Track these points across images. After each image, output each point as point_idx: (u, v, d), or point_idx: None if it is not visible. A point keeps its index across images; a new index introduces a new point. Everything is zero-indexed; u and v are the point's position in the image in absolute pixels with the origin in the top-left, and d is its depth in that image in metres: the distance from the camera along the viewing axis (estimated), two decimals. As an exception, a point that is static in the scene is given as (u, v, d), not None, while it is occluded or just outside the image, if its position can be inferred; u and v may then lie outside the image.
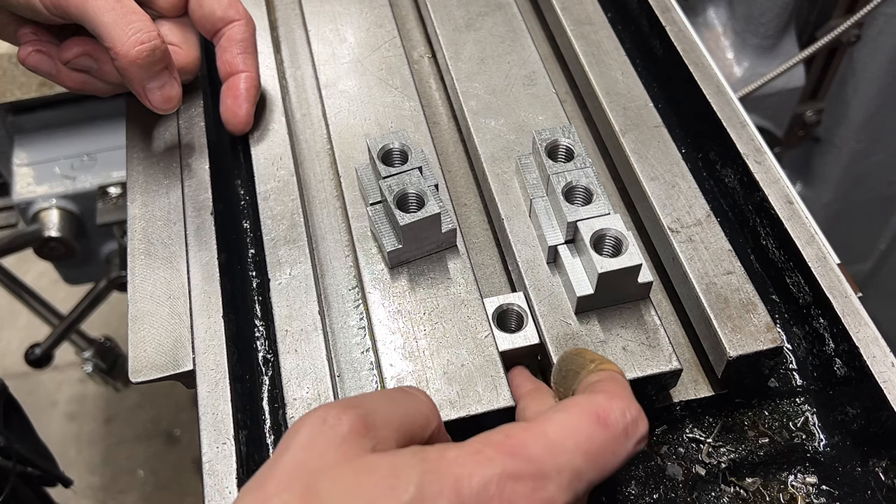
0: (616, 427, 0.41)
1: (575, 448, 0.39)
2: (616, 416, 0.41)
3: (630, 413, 0.41)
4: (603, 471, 0.40)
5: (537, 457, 0.38)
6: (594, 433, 0.40)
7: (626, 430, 0.41)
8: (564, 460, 0.39)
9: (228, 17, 0.68)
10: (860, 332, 0.55)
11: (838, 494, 0.54)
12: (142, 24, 0.60)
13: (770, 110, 1.44)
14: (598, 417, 0.41)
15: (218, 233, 0.63)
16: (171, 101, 0.64)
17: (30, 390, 2.03)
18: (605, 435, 0.40)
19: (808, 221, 0.61)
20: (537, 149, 0.61)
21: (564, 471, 0.38)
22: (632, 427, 0.41)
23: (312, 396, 0.57)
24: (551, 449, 0.39)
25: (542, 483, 0.38)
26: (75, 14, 0.60)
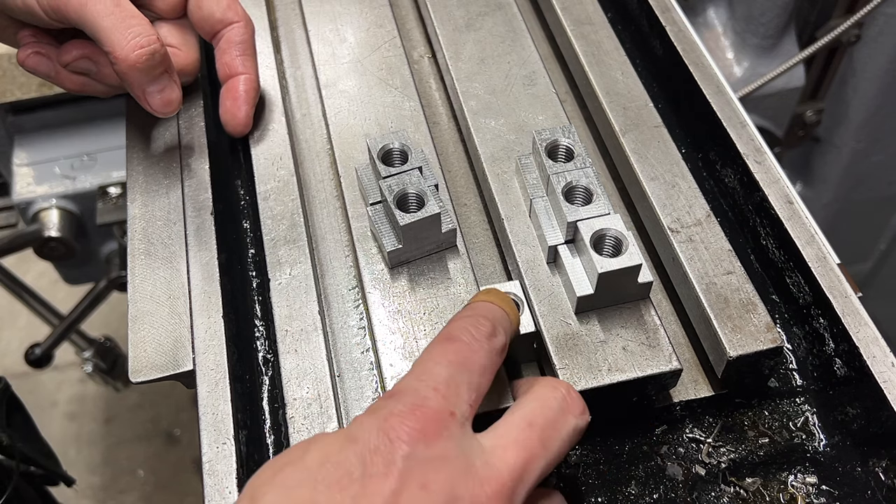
0: (462, 336, 0.46)
1: (438, 365, 0.44)
2: (458, 330, 0.46)
3: (471, 323, 0.47)
4: (474, 368, 0.45)
5: (412, 387, 0.43)
6: (447, 348, 0.45)
7: (472, 335, 0.46)
8: (434, 378, 0.43)
9: (227, 19, 0.68)
10: (860, 332, 0.55)
11: (838, 494, 0.54)
12: (141, 28, 0.60)
13: (770, 110, 1.44)
14: (446, 337, 0.46)
15: (218, 233, 0.63)
16: (171, 105, 0.64)
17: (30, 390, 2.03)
18: (457, 345, 0.45)
19: (808, 221, 0.61)
20: (537, 149, 0.61)
21: (439, 384, 0.43)
22: (475, 331, 0.46)
23: (312, 396, 0.57)
24: (419, 375, 0.44)
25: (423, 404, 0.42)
26: (74, 19, 0.59)
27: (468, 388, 0.44)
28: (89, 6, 0.59)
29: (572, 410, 0.46)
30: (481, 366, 0.45)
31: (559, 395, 0.46)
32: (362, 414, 0.43)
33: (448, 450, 0.41)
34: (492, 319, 0.48)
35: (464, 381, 0.44)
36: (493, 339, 0.47)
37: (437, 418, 0.41)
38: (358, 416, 0.43)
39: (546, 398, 0.45)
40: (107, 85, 0.66)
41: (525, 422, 0.44)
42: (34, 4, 0.59)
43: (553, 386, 0.46)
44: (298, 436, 0.54)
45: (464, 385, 0.44)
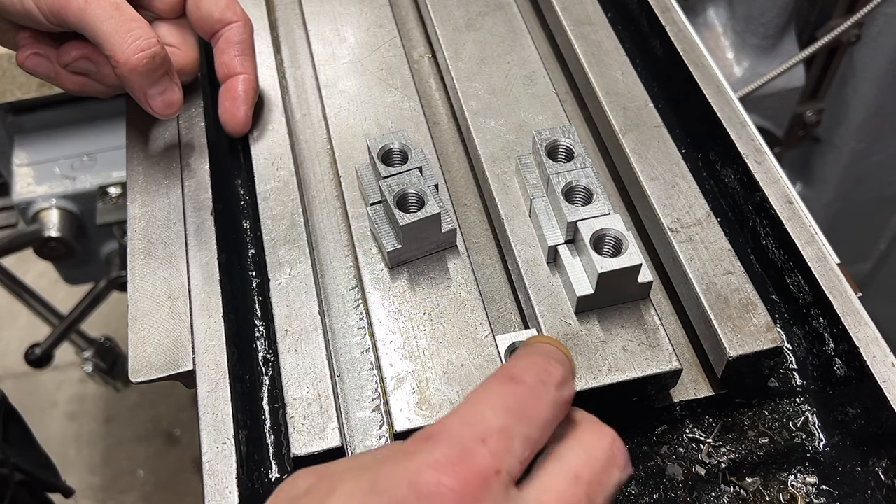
0: (527, 378, 0.40)
1: (491, 411, 0.38)
2: (523, 369, 0.40)
3: (538, 364, 0.41)
4: (534, 421, 0.39)
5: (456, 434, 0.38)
6: (506, 390, 0.40)
7: (539, 379, 0.40)
8: (485, 426, 0.38)
9: (226, 19, 0.68)
10: (860, 332, 0.55)
11: (838, 494, 0.54)
12: (141, 31, 0.60)
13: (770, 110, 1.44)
14: (507, 378, 0.40)
15: (218, 233, 0.63)
16: (173, 107, 0.64)
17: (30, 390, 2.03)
18: (519, 389, 0.40)
19: (808, 221, 0.61)
20: (537, 149, 0.61)
21: (489, 435, 0.37)
22: (544, 374, 0.40)
23: (312, 396, 0.57)
24: (468, 420, 0.38)
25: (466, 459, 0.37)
26: (74, 23, 0.59)
27: (523, 443, 0.38)
28: (89, 11, 0.58)
29: (618, 463, 0.41)
30: (543, 419, 0.39)
31: (606, 443, 0.41)
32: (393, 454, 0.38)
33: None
34: (563, 365, 0.42)
35: (519, 434, 0.38)
36: (563, 389, 0.41)
37: (479, 479, 0.36)
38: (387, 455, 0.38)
39: (593, 447, 0.41)
40: (106, 85, 0.66)
41: (571, 475, 0.39)
42: (34, 9, 0.59)
43: (599, 433, 0.41)
44: (298, 436, 0.54)
45: (518, 439, 0.38)
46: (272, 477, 0.55)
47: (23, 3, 0.59)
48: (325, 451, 0.52)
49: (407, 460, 0.37)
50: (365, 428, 0.57)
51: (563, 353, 0.43)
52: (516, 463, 0.38)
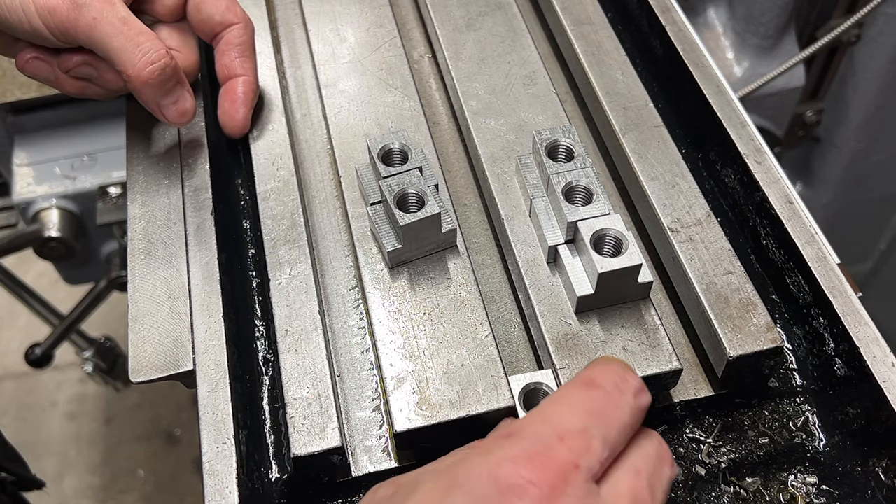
0: (605, 384, 0.41)
1: (571, 412, 0.39)
2: (602, 376, 0.41)
3: (617, 372, 0.42)
4: (612, 423, 0.40)
5: (534, 431, 0.38)
6: (584, 394, 0.40)
7: (616, 386, 0.41)
8: (564, 425, 0.38)
9: (227, 21, 0.68)
10: (860, 332, 0.55)
11: (838, 494, 0.54)
12: (150, 45, 0.60)
13: (770, 110, 1.44)
14: (586, 382, 0.41)
15: (218, 233, 0.63)
16: (187, 115, 0.64)
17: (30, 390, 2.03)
18: (598, 393, 0.40)
19: (808, 221, 0.61)
20: (537, 149, 0.61)
21: (569, 433, 0.38)
22: (622, 383, 0.41)
23: (312, 396, 0.57)
24: (546, 418, 0.39)
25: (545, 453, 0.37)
26: (84, 40, 0.60)
27: (602, 443, 0.39)
28: (98, 28, 0.59)
29: (667, 459, 0.42)
30: (622, 423, 0.40)
31: (655, 442, 0.42)
32: (471, 452, 0.38)
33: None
34: (639, 378, 0.43)
35: (598, 435, 0.39)
36: (641, 397, 0.42)
37: (559, 472, 0.36)
38: (465, 454, 0.39)
39: (645, 445, 0.42)
40: (107, 89, 0.66)
41: (632, 469, 0.40)
42: (42, 28, 0.59)
43: (648, 433, 0.43)
44: (298, 436, 0.54)
45: (598, 439, 0.38)
46: (272, 477, 0.55)
47: (30, 22, 0.59)
48: (326, 450, 0.52)
49: (486, 456, 0.37)
50: (365, 428, 0.57)
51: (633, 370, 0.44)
52: (596, 461, 0.38)
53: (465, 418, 0.52)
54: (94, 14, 0.58)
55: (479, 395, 0.53)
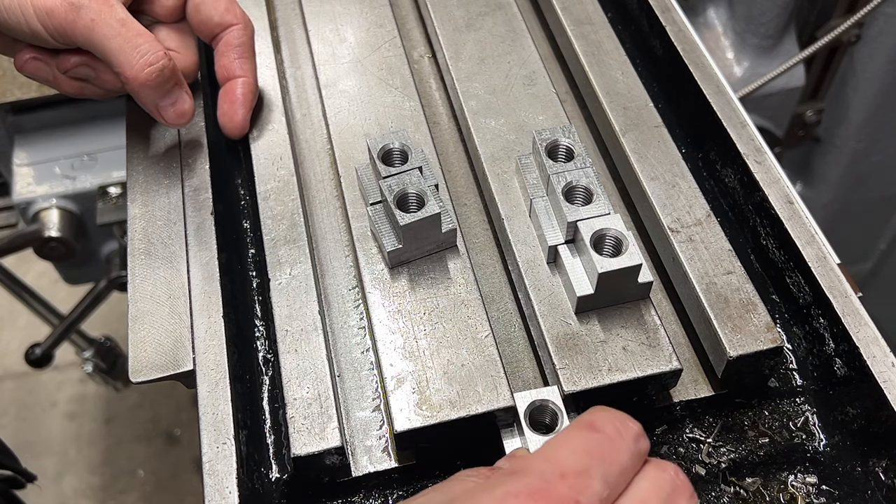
0: (606, 428, 0.42)
1: (572, 452, 0.40)
2: (602, 420, 0.42)
3: (617, 418, 0.43)
4: (612, 465, 0.40)
5: (537, 469, 0.39)
6: (586, 437, 0.41)
7: (617, 430, 0.42)
8: (566, 464, 0.39)
9: (226, 22, 0.68)
10: (860, 332, 0.55)
11: (838, 494, 0.54)
12: (148, 46, 0.60)
13: (770, 110, 1.44)
14: (587, 426, 0.42)
15: (218, 233, 0.63)
16: (185, 117, 0.64)
17: (30, 390, 2.03)
18: (598, 436, 0.41)
19: (809, 221, 0.61)
20: (537, 149, 0.61)
21: (570, 472, 0.39)
22: (622, 428, 0.42)
23: (312, 396, 0.57)
24: (548, 458, 0.40)
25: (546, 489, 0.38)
26: (82, 42, 0.60)
27: (603, 482, 0.39)
28: (96, 30, 0.59)
29: (683, 492, 0.42)
30: (622, 465, 0.40)
31: (669, 474, 0.42)
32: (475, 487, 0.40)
33: None
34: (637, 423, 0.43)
35: (598, 475, 0.39)
36: (640, 441, 0.42)
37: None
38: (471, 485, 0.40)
39: (657, 478, 0.42)
40: (105, 89, 0.66)
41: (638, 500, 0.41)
42: (41, 29, 0.59)
43: (662, 465, 0.43)
44: (298, 436, 0.54)
45: (598, 479, 0.39)
46: (272, 477, 0.55)
47: (29, 24, 0.59)
48: (325, 450, 0.52)
49: (491, 491, 0.38)
50: (365, 428, 0.57)
51: None
52: (595, 499, 0.39)
53: (465, 418, 0.52)
54: (92, 16, 0.58)
55: (479, 395, 0.53)
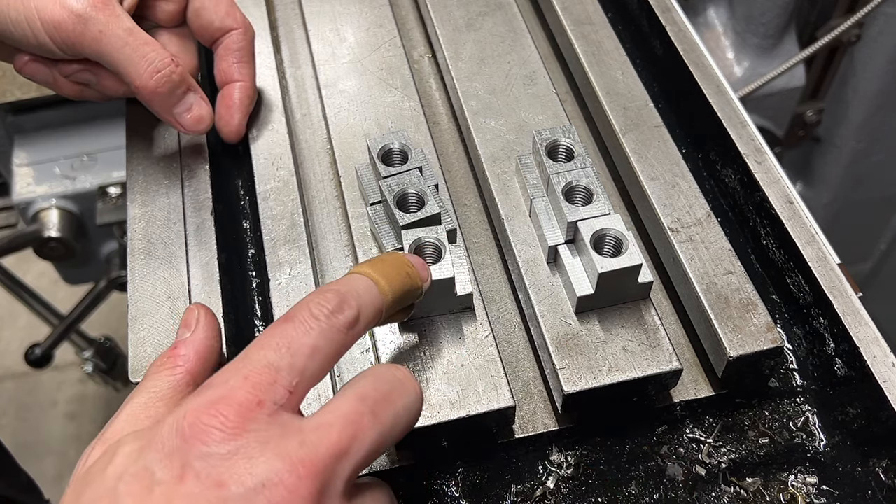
0: (297, 315, 0.43)
1: (259, 349, 0.42)
2: (298, 307, 0.44)
3: (312, 299, 0.44)
4: (300, 350, 0.42)
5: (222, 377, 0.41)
6: (277, 330, 0.43)
7: (310, 312, 0.43)
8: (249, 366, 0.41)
9: (226, 27, 0.68)
10: (860, 332, 0.55)
11: (838, 494, 0.54)
12: (155, 54, 0.60)
13: (770, 110, 1.44)
14: (283, 318, 0.43)
15: (218, 233, 0.63)
16: (203, 122, 0.65)
17: (30, 390, 2.03)
18: (287, 325, 0.43)
19: (809, 221, 0.61)
20: (537, 149, 0.61)
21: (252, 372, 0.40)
22: (315, 308, 0.43)
23: (312, 396, 0.57)
24: (237, 363, 0.41)
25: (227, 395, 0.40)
26: (91, 54, 0.60)
27: (289, 372, 0.41)
28: (104, 41, 0.59)
29: (406, 386, 0.44)
30: (311, 347, 0.42)
31: (395, 370, 0.45)
32: (172, 409, 0.42)
33: (250, 442, 0.39)
34: (343, 293, 0.45)
35: (284, 366, 0.41)
36: (337, 316, 0.43)
37: (240, 409, 0.39)
38: (167, 411, 0.42)
39: (381, 373, 0.44)
40: (105, 94, 0.66)
41: (357, 395, 0.42)
42: (49, 42, 0.59)
43: (391, 366, 0.45)
44: (298, 436, 0.54)
45: (284, 371, 0.41)
46: (272, 477, 0.55)
47: (36, 37, 0.59)
48: (325, 451, 0.52)
49: (176, 411, 0.40)
50: (365, 428, 0.57)
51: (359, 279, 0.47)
52: (283, 392, 0.41)
53: (465, 418, 0.52)
54: (100, 27, 0.58)
55: (479, 395, 0.53)
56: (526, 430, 0.57)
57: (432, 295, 0.54)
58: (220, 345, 0.49)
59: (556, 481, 0.55)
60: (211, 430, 0.38)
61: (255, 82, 0.70)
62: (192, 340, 0.47)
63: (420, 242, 0.55)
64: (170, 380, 0.45)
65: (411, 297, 0.51)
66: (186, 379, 0.46)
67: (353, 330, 0.44)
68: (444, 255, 0.54)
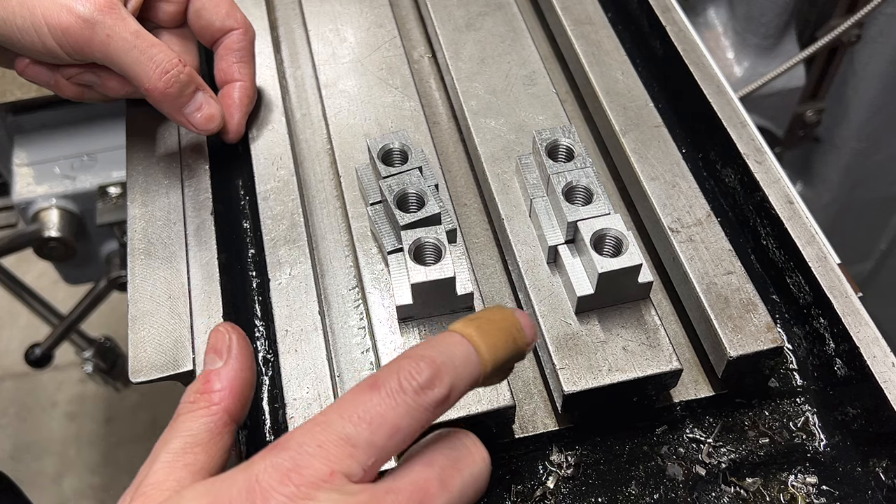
0: (385, 385, 0.40)
1: (340, 418, 0.39)
2: (387, 374, 0.40)
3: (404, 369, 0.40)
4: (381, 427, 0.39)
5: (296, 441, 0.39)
6: (361, 399, 0.39)
7: (399, 384, 0.39)
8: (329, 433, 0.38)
9: (227, 27, 0.68)
10: (860, 332, 0.55)
11: (838, 494, 0.54)
12: (163, 56, 0.61)
13: (770, 110, 1.44)
14: (367, 386, 0.40)
15: (218, 233, 0.63)
16: (214, 120, 0.65)
17: (30, 390, 2.03)
18: (372, 396, 0.39)
19: (809, 221, 0.61)
20: (537, 148, 0.61)
21: (329, 442, 0.38)
22: (405, 380, 0.39)
23: (312, 396, 0.57)
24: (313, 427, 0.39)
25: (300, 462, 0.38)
26: (99, 58, 0.60)
27: (366, 450, 0.38)
28: (112, 45, 0.59)
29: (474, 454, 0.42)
30: (394, 425, 0.39)
31: (462, 436, 0.42)
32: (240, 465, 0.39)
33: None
34: (438, 365, 0.40)
35: (362, 442, 0.38)
36: (426, 393, 0.40)
37: (311, 481, 0.37)
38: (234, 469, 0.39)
39: (449, 439, 0.42)
40: (106, 95, 0.66)
41: (425, 461, 0.40)
42: (56, 48, 0.59)
43: (457, 431, 0.42)
44: (298, 436, 0.54)
45: (361, 447, 0.38)
46: (272, 477, 0.55)
47: (44, 43, 0.59)
48: (325, 451, 0.52)
49: (247, 470, 0.38)
50: (365, 428, 0.57)
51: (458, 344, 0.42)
52: (358, 468, 0.38)
53: (465, 418, 0.52)
54: (108, 31, 0.59)
55: (479, 395, 0.53)
56: (526, 430, 0.57)
57: (433, 295, 0.54)
58: (255, 375, 0.46)
59: (556, 481, 0.55)
60: (282, 499, 0.37)
61: (255, 82, 0.71)
62: (226, 374, 0.44)
63: (420, 242, 0.55)
64: (206, 422, 0.43)
65: (513, 361, 0.45)
66: (224, 420, 0.43)
67: (441, 408, 0.41)
68: (444, 255, 0.54)
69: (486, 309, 0.45)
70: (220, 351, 0.45)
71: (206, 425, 0.43)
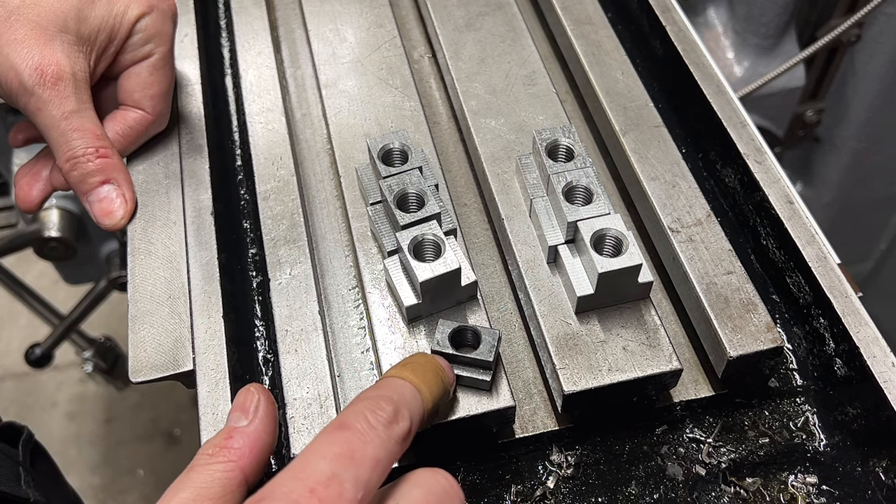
0: (356, 423, 0.41)
1: (320, 459, 0.39)
2: (352, 415, 0.41)
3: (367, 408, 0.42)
4: (363, 462, 0.40)
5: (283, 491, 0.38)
6: (334, 438, 0.40)
7: (367, 422, 0.41)
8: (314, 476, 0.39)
9: (139, 106, 0.66)
10: (860, 332, 0.55)
11: (838, 494, 0.54)
12: (80, 143, 0.61)
13: (770, 110, 1.44)
14: (336, 426, 0.41)
15: (218, 233, 0.63)
16: (111, 218, 0.64)
17: (30, 390, 2.03)
18: (347, 434, 0.40)
19: (809, 221, 0.61)
20: (537, 148, 0.61)
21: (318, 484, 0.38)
22: (373, 417, 0.41)
23: (312, 396, 0.57)
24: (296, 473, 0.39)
25: None
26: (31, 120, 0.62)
27: (354, 485, 0.39)
28: (39, 118, 0.61)
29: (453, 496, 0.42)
30: (373, 459, 0.40)
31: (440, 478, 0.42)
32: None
33: None
34: (396, 402, 0.43)
35: (349, 479, 0.39)
36: (393, 427, 0.42)
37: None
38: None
39: (428, 482, 0.42)
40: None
41: None
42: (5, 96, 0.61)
43: (434, 472, 0.43)
44: (298, 436, 0.54)
45: (349, 483, 0.39)
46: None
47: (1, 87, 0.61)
48: (325, 451, 0.52)
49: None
50: (365, 428, 0.57)
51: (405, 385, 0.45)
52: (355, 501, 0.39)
53: (465, 419, 0.52)
54: (40, 105, 0.60)
55: (479, 396, 0.53)
56: (526, 430, 0.57)
57: (439, 290, 0.54)
58: (276, 441, 0.47)
59: (556, 481, 0.55)
60: None
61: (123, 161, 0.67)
62: (248, 433, 0.45)
63: (419, 240, 0.55)
64: (221, 476, 0.43)
65: (444, 400, 0.49)
66: (239, 478, 0.43)
67: (405, 441, 0.43)
68: (445, 249, 0.54)
69: (411, 356, 0.50)
70: (246, 410, 0.46)
71: (221, 480, 0.42)
